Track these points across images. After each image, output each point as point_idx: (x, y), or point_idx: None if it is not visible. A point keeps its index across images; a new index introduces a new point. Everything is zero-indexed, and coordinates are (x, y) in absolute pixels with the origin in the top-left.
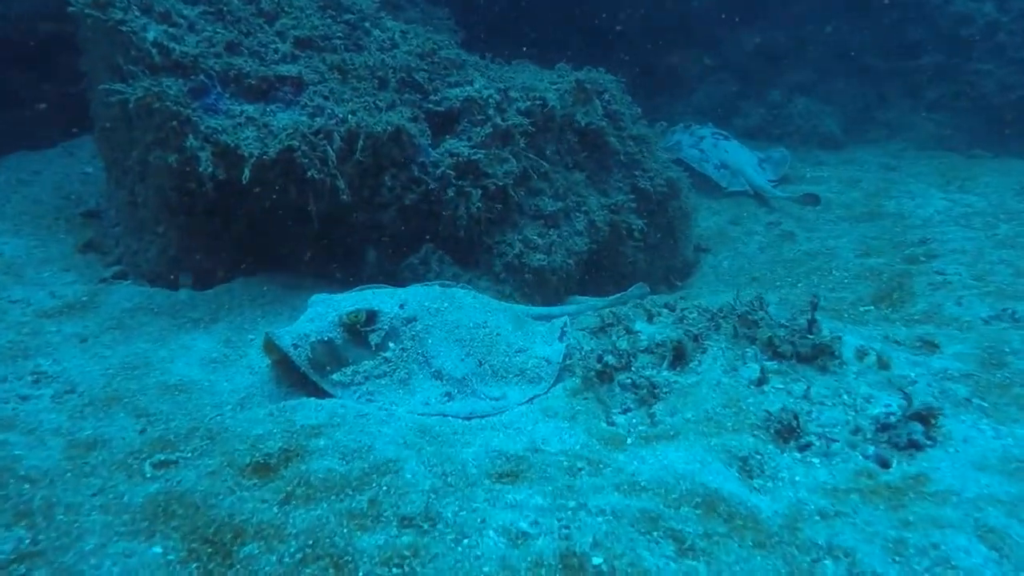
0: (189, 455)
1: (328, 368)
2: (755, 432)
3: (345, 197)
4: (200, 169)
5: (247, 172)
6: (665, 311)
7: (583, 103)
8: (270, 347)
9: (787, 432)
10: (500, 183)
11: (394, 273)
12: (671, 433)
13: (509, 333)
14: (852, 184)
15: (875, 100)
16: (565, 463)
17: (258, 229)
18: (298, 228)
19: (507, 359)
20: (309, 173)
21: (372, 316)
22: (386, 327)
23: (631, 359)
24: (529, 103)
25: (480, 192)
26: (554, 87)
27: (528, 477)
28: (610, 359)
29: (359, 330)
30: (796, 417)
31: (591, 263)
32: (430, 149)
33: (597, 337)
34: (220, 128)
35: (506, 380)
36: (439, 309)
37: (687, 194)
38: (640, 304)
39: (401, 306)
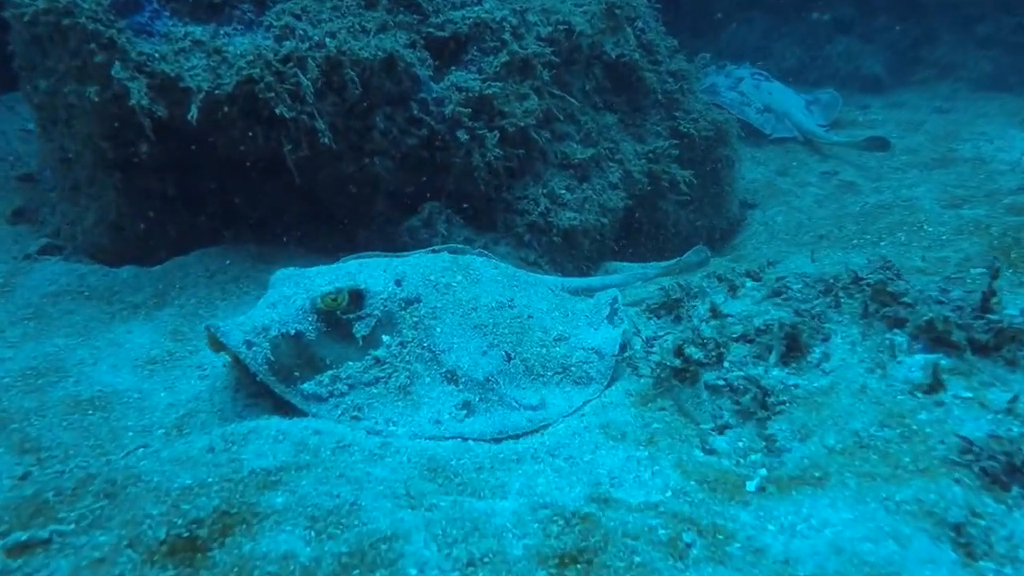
0: (72, 527)
1: (297, 374)
2: (955, 475)
3: (326, 140)
4: (132, 103)
5: (194, 109)
6: (749, 281)
7: (613, 31)
8: (216, 344)
9: (1011, 473)
10: (520, 124)
11: (391, 238)
12: (814, 473)
13: (543, 314)
14: (914, 127)
15: (922, 37)
16: (660, 531)
17: (219, 187)
18: (270, 185)
19: (544, 351)
20: (278, 110)
21: (358, 297)
22: (377, 312)
23: (722, 350)
24: (551, 28)
25: (496, 135)
26: (580, 10)
27: (606, 566)
28: (693, 351)
29: (340, 318)
30: (1019, 448)
31: (625, 222)
32: (432, 83)
33: (659, 317)
34: (157, 55)
35: (544, 380)
36: (449, 285)
37: (735, 140)
38: (712, 272)
39: (398, 282)
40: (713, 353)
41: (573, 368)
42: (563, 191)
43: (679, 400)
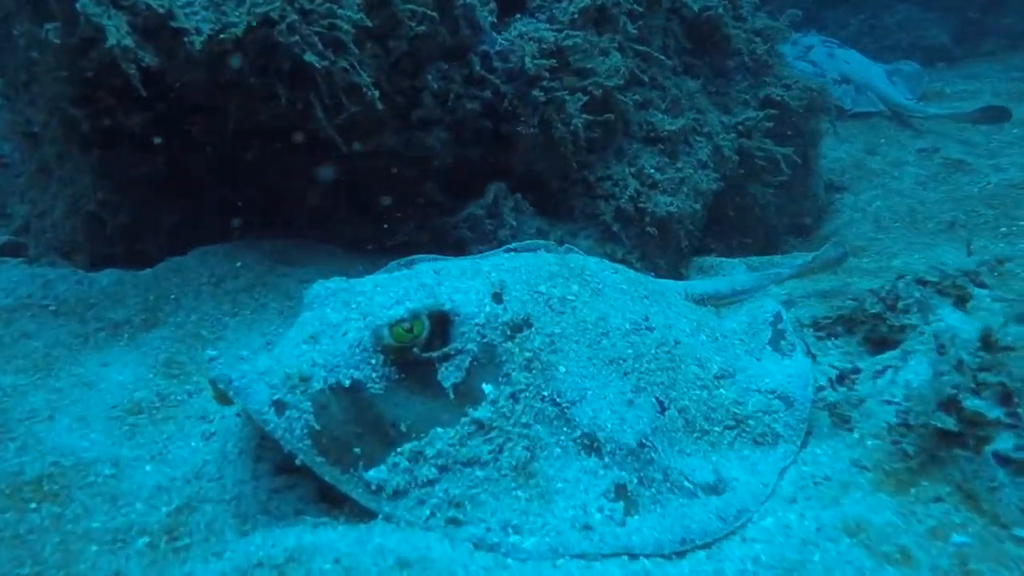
0: None
1: (358, 450)
2: None
3: (372, 97)
4: (110, 45)
5: (197, 42)
6: (971, 287)
7: None
8: (226, 400)
9: None
10: (605, 84)
11: (443, 231)
12: None
13: (690, 339)
14: (1019, 97)
15: (988, 3)
16: None
17: (224, 168)
18: (295, 164)
19: (704, 394)
20: (307, 58)
21: (443, 323)
22: (473, 347)
23: (1017, 401)
24: None
25: (579, 98)
26: None
27: None
28: (972, 403)
29: (418, 358)
30: None
31: (712, 209)
32: (495, 33)
33: (834, 336)
34: None
35: (710, 440)
36: (565, 299)
37: (830, 112)
38: (908, 276)
39: (496, 297)
40: (1003, 398)
41: (751, 421)
42: (653, 170)
43: (963, 483)
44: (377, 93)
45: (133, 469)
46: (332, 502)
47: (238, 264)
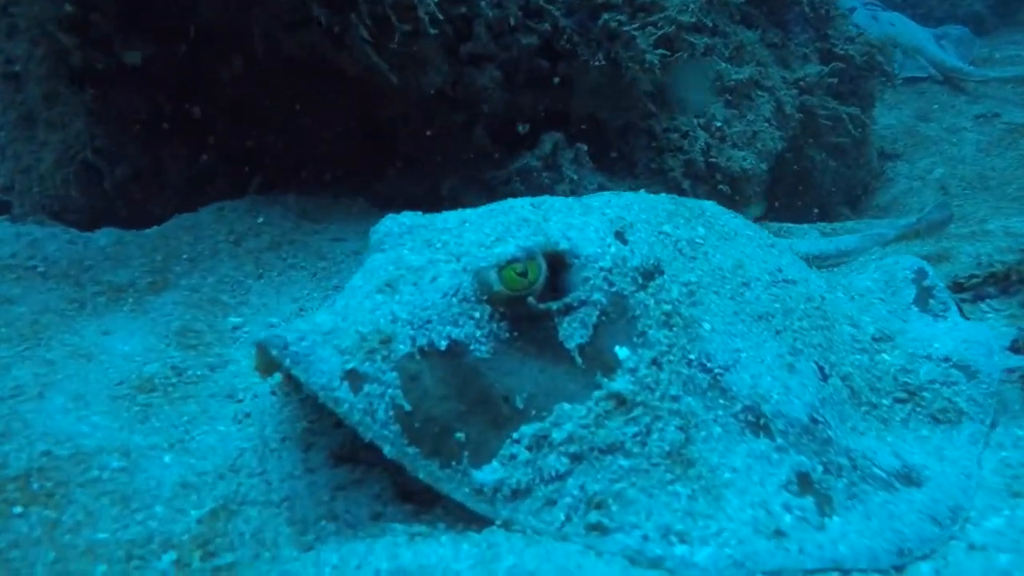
0: None
1: (461, 435)
2: None
3: (425, 10)
4: None
5: None
6: None
7: None
8: (276, 371)
9: None
10: (677, 19)
11: (492, 186)
12: None
13: (829, 295)
14: None
15: None
16: None
17: (248, 113)
18: (324, 106)
19: (866, 359)
20: None
21: (558, 266)
22: (599, 297)
23: None
24: None
25: (651, 33)
26: None
27: None
28: None
29: (536, 309)
30: None
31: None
32: None
33: (984, 298)
34: None
35: (878, 415)
36: (694, 242)
37: (890, 71)
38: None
39: (620, 236)
40: None
41: (926, 394)
42: (721, 123)
43: None
44: (433, 8)
45: (149, 460)
46: (418, 500)
47: (259, 220)
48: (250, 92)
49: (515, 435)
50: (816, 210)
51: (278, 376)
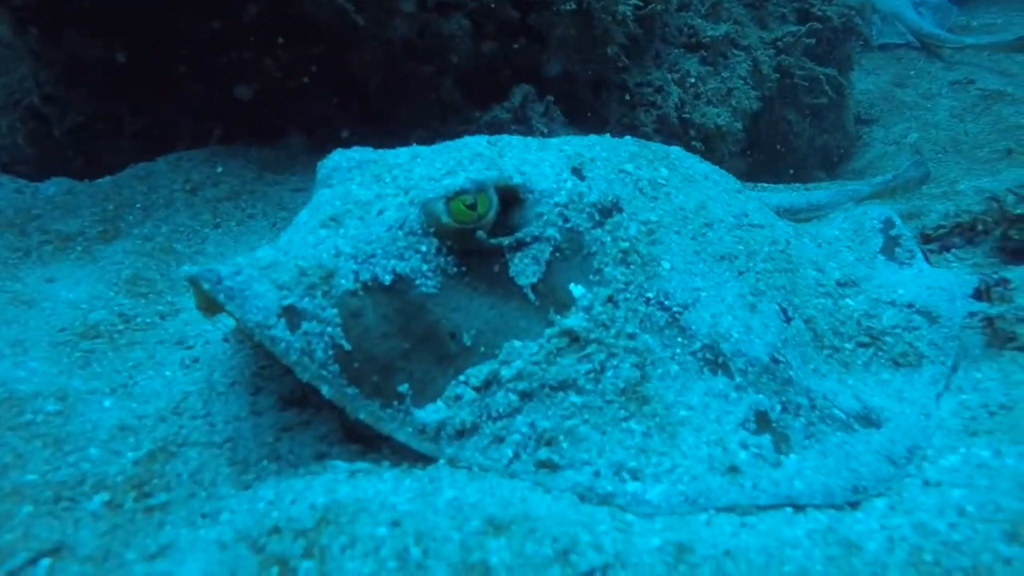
0: None
1: (403, 374)
2: None
3: None
4: None
5: None
6: None
7: None
8: (213, 307)
9: None
10: None
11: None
12: None
13: (795, 240)
14: None
15: None
16: None
17: (199, 57)
18: (288, 54)
19: (829, 303)
20: None
21: (511, 201)
22: (553, 232)
23: None
24: None
25: None
26: None
27: None
28: None
29: (485, 244)
30: None
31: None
32: None
33: (949, 248)
34: None
35: (841, 359)
36: (656, 182)
37: (866, 33)
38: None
39: (577, 172)
40: None
41: (888, 338)
42: (695, 79)
43: None
44: None
45: (86, 404)
46: (366, 441)
47: (219, 170)
48: (213, 39)
49: (461, 376)
50: (791, 172)
51: (231, 322)
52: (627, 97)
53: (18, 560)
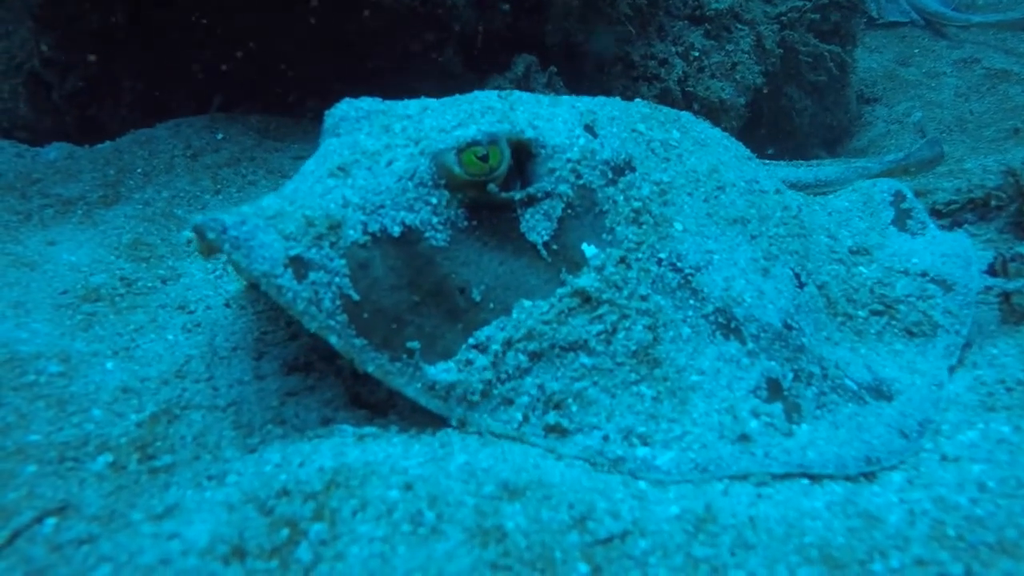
0: None
1: (413, 328)
2: None
3: None
4: None
5: None
6: None
7: None
8: (210, 249)
9: None
10: None
11: None
12: None
13: (806, 207)
14: None
15: None
16: None
17: (200, 23)
18: (291, 21)
19: (842, 270)
20: None
21: (523, 156)
22: (566, 189)
23: None
24: None
25: None
26: None
27: None
28: None
29: (497, 199)
30: None
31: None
32: None
33: (971, 227)
34: None
35: (854, 326)
36: (668, 144)
37: (864, 13)
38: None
39: (589, 129)
40: None
41: (901, 307)
42: (699, 53)
43: None
44: None
45: (89, 367)
46: (372, 407)
47: (219, 136)
48: (214, 5)
49: (471, 339)
50: (793, 149)
51: (232, 287)
52: (632, 71)
53: (24, 518)
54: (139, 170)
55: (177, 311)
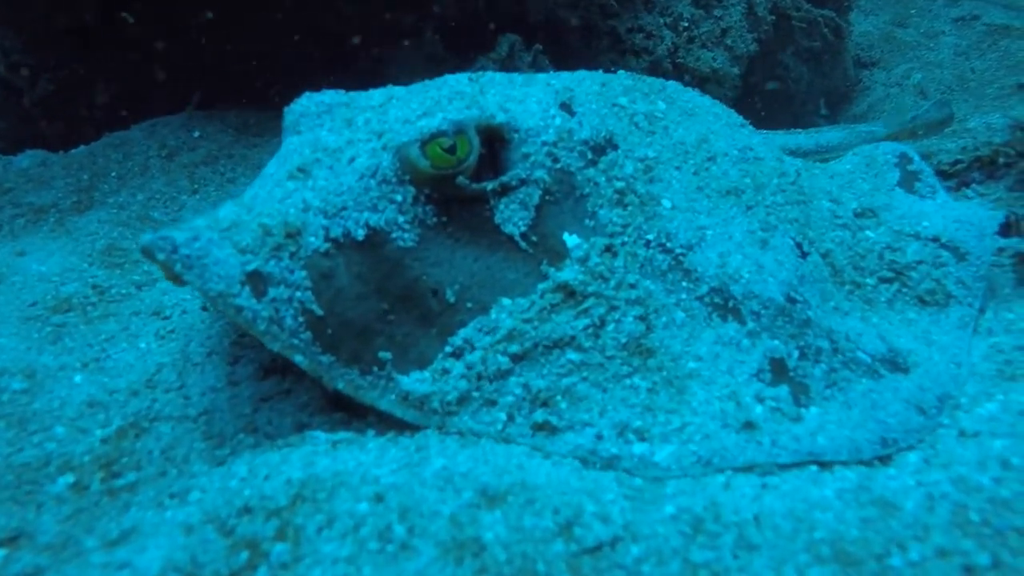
0: None
1: (382, 338)
2: None
3: None
4: None
5: None
6: None
7: None
8: (176, 278)
9: None
10: None
11: None
12: None
13: (805, 171)
14: None
15: None
16: None
17: (183, 24)
18: (266, 14)
19: (847, 235)
20: None
21: (495, 142)
22: (543, 175)
23: None
24: None
25: None
26: None
27: None
28: None
29: (467, 189)
30: None
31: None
32: None
33: (979, 187)
34: None
35: (863, 295)
36: (653, 116)
37: None
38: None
39: (566, 107)
40: None
41: (912, 274)
42: (688, 22)
43: None
44: None
45: (56, 381)
46: (350, 409)
47: (195, 135)
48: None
49: (448, 346)
50: (790, 118)
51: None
52: (618, 45)
53: None
54: (113, 173)
55: (152, 317)
